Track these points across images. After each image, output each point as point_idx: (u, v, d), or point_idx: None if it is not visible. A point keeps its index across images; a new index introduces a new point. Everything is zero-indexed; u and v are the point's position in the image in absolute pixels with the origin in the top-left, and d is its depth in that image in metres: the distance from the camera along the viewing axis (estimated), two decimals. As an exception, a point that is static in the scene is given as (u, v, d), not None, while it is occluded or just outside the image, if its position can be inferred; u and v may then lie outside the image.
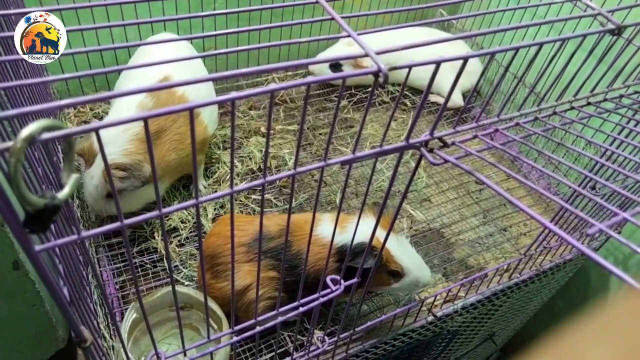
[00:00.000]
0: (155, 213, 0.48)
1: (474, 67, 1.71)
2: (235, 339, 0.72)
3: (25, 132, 0.35)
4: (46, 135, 0.36)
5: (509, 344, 1.87)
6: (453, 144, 0.64)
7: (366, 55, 0.50)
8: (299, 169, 0.55)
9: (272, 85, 0.45)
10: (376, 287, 1.08)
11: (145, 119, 0.40)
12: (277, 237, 1.04)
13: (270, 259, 1.03)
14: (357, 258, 0.92)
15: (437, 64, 0.52)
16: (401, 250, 1.01)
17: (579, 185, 1.02)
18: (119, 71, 0.89)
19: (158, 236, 1.21)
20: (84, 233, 0.45)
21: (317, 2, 0.58)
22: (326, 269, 0.78)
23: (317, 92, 1.74)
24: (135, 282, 0.55)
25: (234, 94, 0.43)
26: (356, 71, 0.47)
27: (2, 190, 0.38)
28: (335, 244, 0.99)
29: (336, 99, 1.72)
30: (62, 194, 0.39)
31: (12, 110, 0.37)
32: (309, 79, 0.47)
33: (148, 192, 1.17)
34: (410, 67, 0.50)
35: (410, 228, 1.39)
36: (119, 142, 1.08)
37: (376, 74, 0.48)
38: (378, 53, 0.49)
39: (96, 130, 0.38)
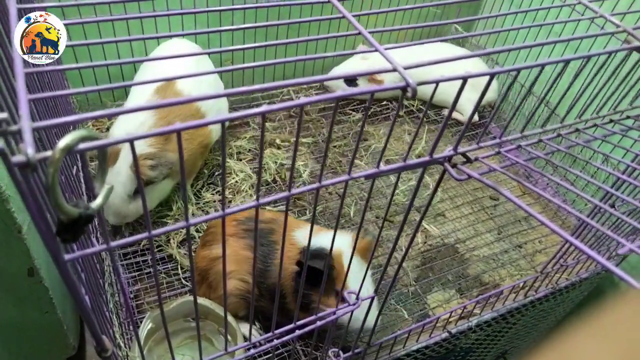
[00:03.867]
0: (182, 224, 0.48)
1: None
2: (252, 351, 0.72)
3: (64, 142, 0.35)
4: (83, 146, 0.37)
5: (521, 363, 1.84)
6: (476, 159, 0.64)
7: (394, 70, 0.50)
8: (324, 182, 0.55)
9: (302, 99, 0.45)
10: (321, 304, 0.95)
11: (178, 132, 0.40)
12: (265, 222, 1.08)
13: (252, 240, 1.06)
14: (314, 260, 0.93)
15: (464, 79, 0.52)
16: (362, 282, 0.82)
17: (600, 201, 1.00)
18: (137, 85, 0.91)
19: (174, 243, 1.22)
20: (113, 243, 0.45)
21: (343, 17, 0.58)
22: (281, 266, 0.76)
23: (331, 104, 1.74)
24: (158, 291, 0.55)
25: (265, 107, 0.44)
26: (385, 86, 0.47)
27: (37, 198, 0.39)
28: (299, 245, 1.03)
29: (350, 112, 1.73)
30: (96, 204, 0.40)
31: (50, 120, 0.37)
32: (338, 93, 0.47)
33: (164, 189, 1.22)
34: (437, 82, 0.51)
35: (425, 242, 1.38)
36: (143, 130, 1.11)
37: (404, 89, 0.49)
38: (406, 68, 0.50)
39: (131, 141, 0.39)
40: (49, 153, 0.35)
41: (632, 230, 1.26)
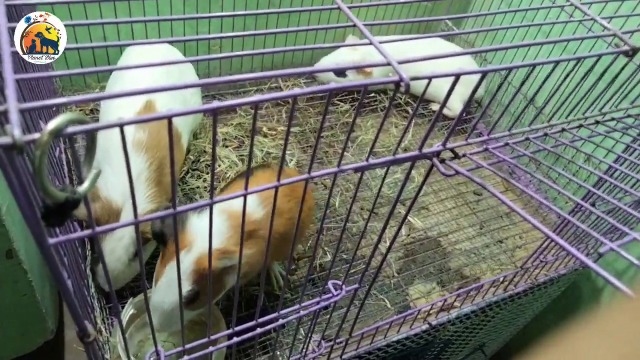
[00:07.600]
0: (169, 212, 0.48)
1: (476, 77, 1.72)
2: (235, 339, 0.72)
3: (52, 125, 0.35)
4: (71, 129, 0.36)
5: (498, 355, 1.88)
6: (464, 155, 0.65)
7: (388, 64, 0.50)
8: (313, 174, 0.55)
9: (295, 90, 0.45)
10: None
11: (169, 118, 0.40)
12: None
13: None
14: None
15: (457, 76, 0.52)
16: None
17: (582, 199, 1.02)
18: (119, 69, 0.85)
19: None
20: (99, 228, 0.44)
21: (338, 9, 0.58)
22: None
23: (320, 94, 1.74)
24: (143, 277, 0.55)
25: (257, 97, 0.43)
26: (379, 79, 0.47)
27: (22, 182, 0.38)
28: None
29: (338, 102, 1.73)
30: (82, 188, 0.39)
31: (39, 101, 0.37)
32: (331, 85, 0.47)
33: None
34: (430, 78, 0.51)
35: (408, 235, 1.39)
36: (141, 184, 1.05)
37: (397, 84, 0.49)
38: (400, 63, 0.50)
39: (121, 125, 0.38)
40: (36, 135, 0.34)
41: (610, 229, 1.29)
